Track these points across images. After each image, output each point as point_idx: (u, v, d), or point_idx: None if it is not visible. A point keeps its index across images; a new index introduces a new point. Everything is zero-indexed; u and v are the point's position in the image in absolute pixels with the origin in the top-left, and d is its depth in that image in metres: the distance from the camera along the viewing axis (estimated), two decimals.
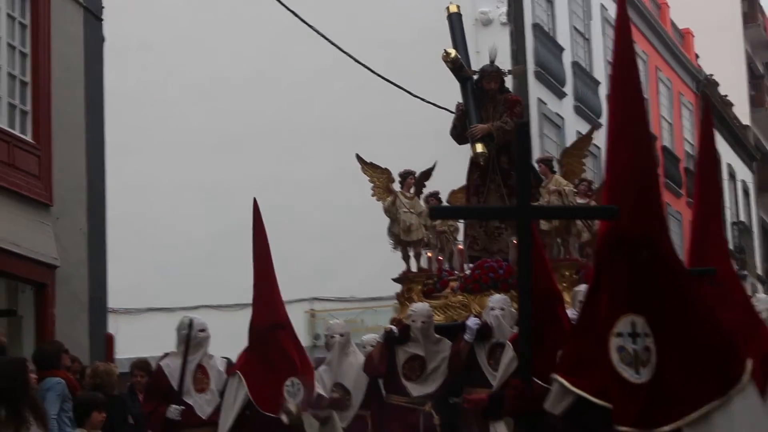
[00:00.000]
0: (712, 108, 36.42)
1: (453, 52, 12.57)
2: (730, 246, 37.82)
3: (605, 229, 4.28)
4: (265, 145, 22.99)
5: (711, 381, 3.93)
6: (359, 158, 12.95)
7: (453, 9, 13.23)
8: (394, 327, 11.54)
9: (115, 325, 16.12)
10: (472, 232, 12.74)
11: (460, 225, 13.04)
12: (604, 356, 4.03)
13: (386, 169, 12.73)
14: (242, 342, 12.92)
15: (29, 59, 14.19)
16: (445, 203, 12.91)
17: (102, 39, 15.63)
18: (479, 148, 12.32)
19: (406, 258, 12.77)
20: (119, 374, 12.51)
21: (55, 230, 14.25)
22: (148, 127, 23.19)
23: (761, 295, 12.93)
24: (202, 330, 10.56)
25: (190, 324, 10.47)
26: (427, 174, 12.52)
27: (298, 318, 21.15)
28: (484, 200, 12.55)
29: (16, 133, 13.84)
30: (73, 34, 14.98)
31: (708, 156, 7.24)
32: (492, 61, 12.93)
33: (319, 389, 9.93)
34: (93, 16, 15.41)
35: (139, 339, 13.15)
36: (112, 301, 15.37)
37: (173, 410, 9.97)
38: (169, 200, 22.32)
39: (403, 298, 12.59)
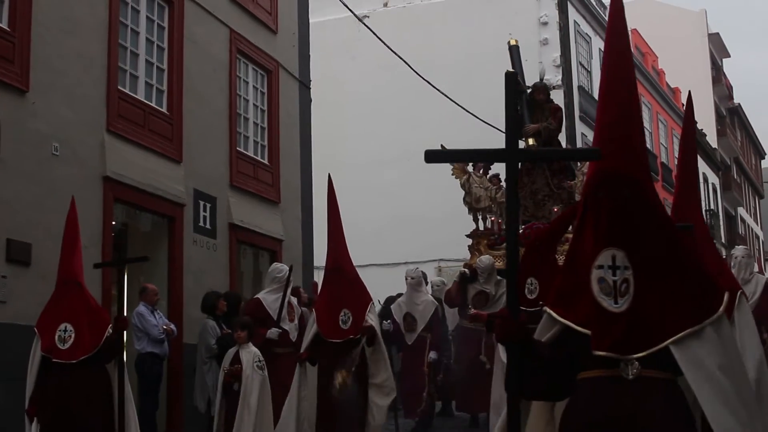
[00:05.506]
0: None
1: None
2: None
3: (592, 170, 3.17)
4: (411, 161, 22.49)
5: (687, 311, 2.93)
6: (443, 147, 11.73)
7: (513, 42, 12.16)
8: (467, 270, 10.41)
9: (318, 277, 15.88)
10: (525, 203, 11.44)
11: None
12: (586, 287, 3.04)
13: None
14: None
15: (266, 114, 14.30)
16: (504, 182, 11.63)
17: (309, 100, 15.71)
18: (531, 141, 11.27)
19: (476, 220, 11.99)
20: None
21: (282, 218, 14.29)
22: (338, 150, 23.08)
23: (738, 246, 11.63)
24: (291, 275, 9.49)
25: (290, 270, 9.36)
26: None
27: (430, 271, 20.77)
28: (533, 179, 11.56)
29: (258, 158, 13.98)
30: (292, 97, 15.07)
31: (689, 147, 5.86)
32: (541, 79, 11.89)
33: (369, 320, 7.75)
34: (304, 85, 15.50)
35: None
36: (316, 261, 14.97)
37: (274, 331, 8.80)
38: (347, 197, 21.47)
39: (474, 249, 11.73)
